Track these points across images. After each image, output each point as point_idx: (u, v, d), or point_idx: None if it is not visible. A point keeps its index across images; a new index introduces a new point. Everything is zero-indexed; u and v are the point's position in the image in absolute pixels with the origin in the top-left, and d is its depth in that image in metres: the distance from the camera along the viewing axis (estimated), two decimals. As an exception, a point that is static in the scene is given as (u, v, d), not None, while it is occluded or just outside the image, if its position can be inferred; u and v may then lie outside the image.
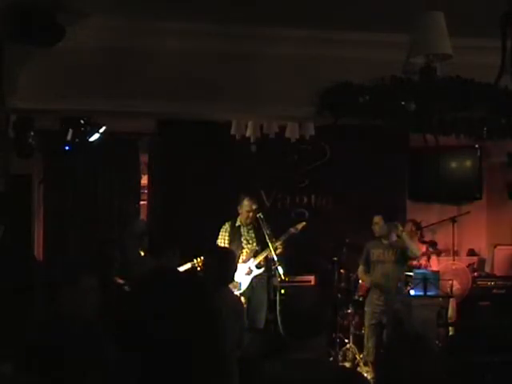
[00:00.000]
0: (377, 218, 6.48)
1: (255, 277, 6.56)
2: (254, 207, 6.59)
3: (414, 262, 6.99)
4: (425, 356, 2.40)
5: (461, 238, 8.34)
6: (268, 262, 6.57)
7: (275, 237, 6.70)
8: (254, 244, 6.64)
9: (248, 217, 6.56)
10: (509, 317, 5.86)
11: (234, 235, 6.62)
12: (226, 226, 6.69)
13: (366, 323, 6.49)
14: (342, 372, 2.93)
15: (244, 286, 6.40)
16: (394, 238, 6.51)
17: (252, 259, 6.57)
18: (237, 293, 5.95)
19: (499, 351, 2.95)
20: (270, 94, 5.11)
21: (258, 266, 6.58)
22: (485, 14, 3.91)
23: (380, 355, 2.98)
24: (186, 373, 1.59)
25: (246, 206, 6.58)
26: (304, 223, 6.89)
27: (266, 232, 6.48)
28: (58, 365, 3.01)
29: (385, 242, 6.50)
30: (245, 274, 6.42)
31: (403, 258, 6.47)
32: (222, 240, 6.65)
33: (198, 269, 6.48)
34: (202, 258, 6.39)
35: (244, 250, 6.58)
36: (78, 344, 3.15)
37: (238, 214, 6.67)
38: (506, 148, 7.48)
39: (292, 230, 6.76)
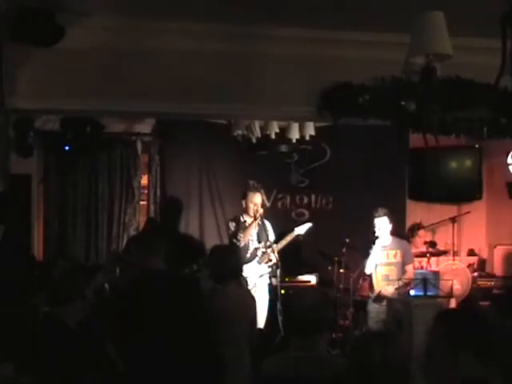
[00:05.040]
0: (381, 220, 6.43)
1: (259, 276, 6.57)
2: (259, 200, 6.61)
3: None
4: (394, 348, 2.48)
5: (461, 237, 8.34)
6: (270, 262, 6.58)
7: (278, 236, 6.72)
8: (260, 242, 6.66)
9: (253, 210, 6.56)
10: (509, 317, 5.85)
11: (241, 231, 6.63)
12: (234, 221, 6.71)
13: (369, 321, 6.50)
14: (343, 371, 2.93)
15: (249, 286, 6.40)
16: (390, 239, 6.50)
17: (257, 258, 6.58)
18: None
19: (499, 351, 2.95)
20: (270, 94, 5.11)
21: (264, 264, 6.58)
22: (485, 14, 3.91)
23: (353, 345, 3.04)
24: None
25: (250, 198, 6.58)
26: (310, 224, 6.89)
27: (267, 232, 6.49)
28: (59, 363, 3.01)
29: (384, 242, 6.49)
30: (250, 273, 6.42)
31: (402, 259, 6.47)
32: (229, 235, 6.66)
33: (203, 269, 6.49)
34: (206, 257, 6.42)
35: (249, 248, 6.59)
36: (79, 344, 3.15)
37: (243, 211, 6.69)
38: (506, 148, 7.48)
39: (298, 231, 6.77)
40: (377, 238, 6.42)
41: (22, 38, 4.45)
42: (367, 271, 6.55)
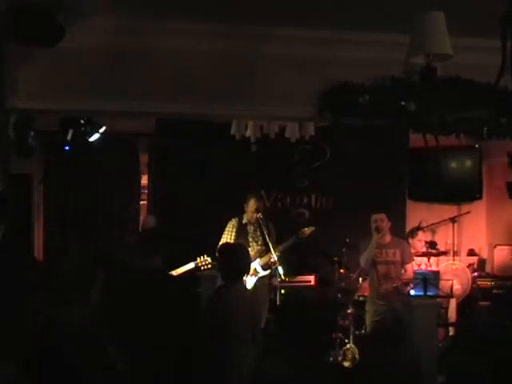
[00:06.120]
0: (380, 216, 6.43)
1: (259, 277, 6.58)
2: (260, 206, 6.62)
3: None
4: (402, 352, 2.51)
5: (461, 238, 8.34)
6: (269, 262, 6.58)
7: (280, 238, 6.71)
8: (260, 243, 6.66)
9: (253, 216, 6.60)
10: (509, 317, 5.85)
11: (241, 232, 6.65)
12: (234, 222, 6.72)
13: (368, 321, 6.49)
14: (342, 371, 2.94)
15: (249, 286, 6.40)
16: (389, 238, 6.49)
17: (258, 259, 6.58)
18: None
19: (499, 351, 2.96)
20: (270, 94, 5.11)
21: (265, 268, 6.59)
22: (485, 14, 3.91)
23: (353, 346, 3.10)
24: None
25: (252, 205, 6.61)
26: (312, 228, 6.88)
27: (266, 232, 6.49)
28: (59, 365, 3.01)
29: (383, 241, 6.47)
30: (250, 274, 6.41)
31: (402, 258, 6.47)
32: (229, 235, 6.67)
33: (202, 268, 6.48)
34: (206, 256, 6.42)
35: (249, 249, 6.59)
36: (79, 344, 3.15)
37: (243, 212, 6.70)
38: (506, 148, 7.48)
39: (300, 234, 6.77)
40: (376, 229, 6.39)
41: (22, 38, 4.45)
42: (362, 264, 6.53)
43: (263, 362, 3.05)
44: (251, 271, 6.44)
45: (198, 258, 6.45)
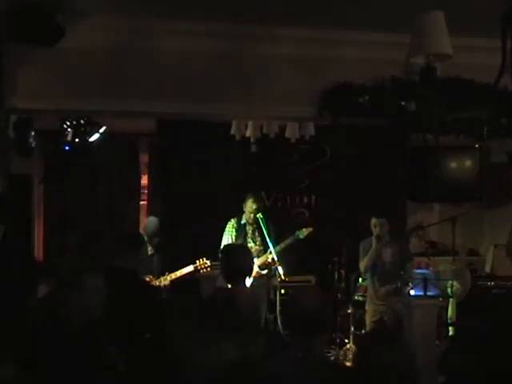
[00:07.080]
0: (380, 221, 6.40)
1: (258, 277, 6.58)
2: (259, 207, 6.63)
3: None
4: (399, 351, 2.50)
5: (461, 237, 8.34)
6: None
7: (279, 238, 6.71)
8: (258, 243, 6.66)
9: (251, 216, 6.61)
10: (509, 317, 5.85)
11: (240, 232, 6.65)
12: (233, 222, 6.72)
13: (368, 321, 6.49)
14: (343, 371, 2.94)
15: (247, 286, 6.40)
16: (388, 238, 6.48)
17: (256, 259, 6.58)
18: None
19: (499, 351, 2.96)
20: (270, 94, 5.11)
21: (262, 268, 6.59)
22: (485, 14, 3.91)
23: (359, 347, 3.08)
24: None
25: (249, 206, 6.62)
26: (310, 229, 6.88)
27: (265, 233, 6.49)
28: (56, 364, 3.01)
29: (382, 241, 6.47)
30: None
31: (401, 258, 6.46)
32: (230, 236, 6.66)
33: (202, 271, 6.49)
34: (205, 259, 6.43)
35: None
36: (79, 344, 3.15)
37: (243, 212, 6.71)
38: (506, 148, 7.49)
39: (299, 235, 6.77)
40: (377, 237, 6.39)
41: (22, 38, 4.45)
42: (361, 269, 6.54)
43: (264, 361, 3.04)
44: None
45: (198, 261, 6.46)
